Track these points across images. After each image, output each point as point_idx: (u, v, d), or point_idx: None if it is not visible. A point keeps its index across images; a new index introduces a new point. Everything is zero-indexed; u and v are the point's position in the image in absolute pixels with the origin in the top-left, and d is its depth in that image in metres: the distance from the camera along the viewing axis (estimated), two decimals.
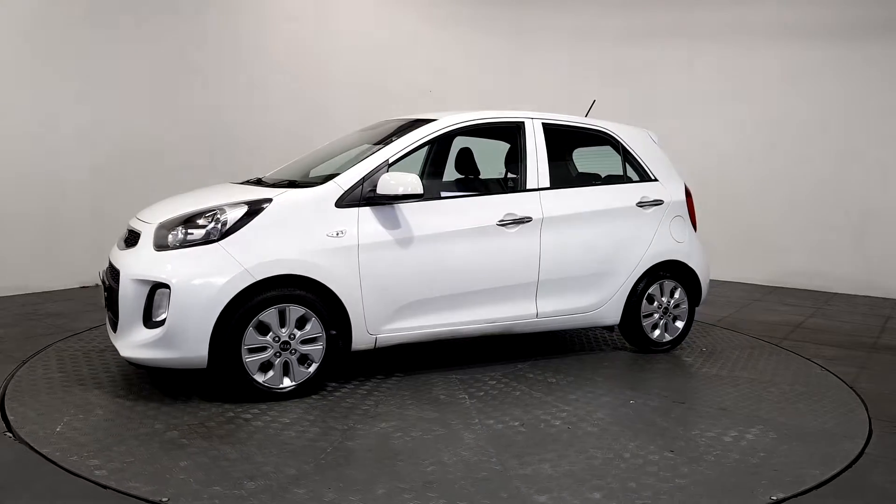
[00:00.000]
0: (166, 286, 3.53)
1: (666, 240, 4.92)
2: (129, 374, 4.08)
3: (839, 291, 8.01)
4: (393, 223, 3.98)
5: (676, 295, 5.02)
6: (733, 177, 8.57)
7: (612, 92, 8.97)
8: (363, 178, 3.97)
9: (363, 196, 3.94)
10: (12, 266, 6.13)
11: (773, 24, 8.30)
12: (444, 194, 4.61)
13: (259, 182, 4.53)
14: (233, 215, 3.69)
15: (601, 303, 4.70)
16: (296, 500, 2.65)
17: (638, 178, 4.98)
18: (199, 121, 7.26)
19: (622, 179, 4.97)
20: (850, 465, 3.16)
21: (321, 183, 3.98)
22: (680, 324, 5.06)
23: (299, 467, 2.93)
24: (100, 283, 4.20)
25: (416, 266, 4.03)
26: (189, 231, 3.70)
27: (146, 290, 3.58)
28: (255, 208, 3.73)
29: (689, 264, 5.03)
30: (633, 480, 2.91)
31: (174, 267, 3.56)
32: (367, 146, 5.06)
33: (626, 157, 4.98)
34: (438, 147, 5.29)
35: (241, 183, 4.86)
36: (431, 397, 3.88)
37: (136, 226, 4.02)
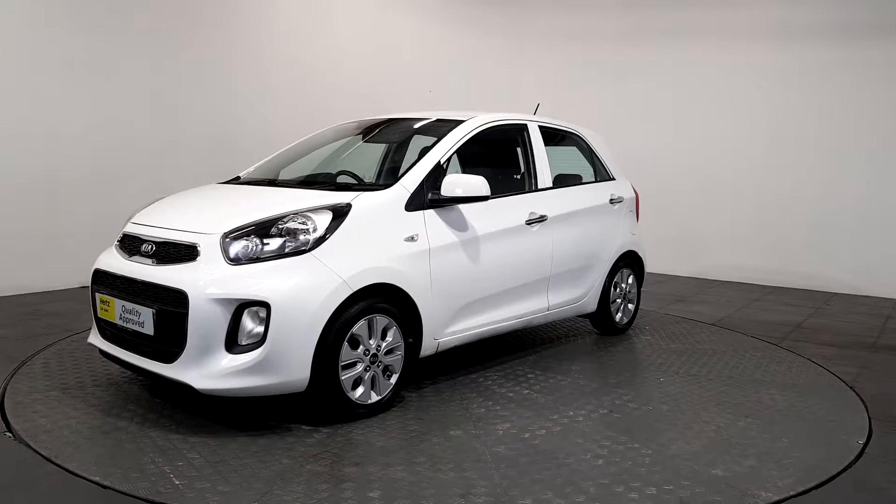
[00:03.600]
0: (260, 304, 3.15)
1: (626, 233, 5.47)
2: (137, 387, 3.53)
3: (839, 291, 8.05)
4: (455, 225, 3.96)
5: (630, 280, 5.61)
6: (733, 175, 8.65)
7: (610, 91, 9.23)
8: (423, 179, 3.87)
9: (426, 198, 3.84)
10: (12, 266, 6.05)
11: (774, 24, 8.39)
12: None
13: (273, 182, 4.16)
14: (321, 222, 3.39)
15: (587, 292, 5.10)
16: None
17: (598, 178, 5.44)
18: (199, 120, 7.22)
19: (575, 179, 5.37)
20: (850, 465, 3.18)
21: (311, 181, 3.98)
22: (632, 306, 5.67)
23: (487, 478, 2.88)
24: (105, 304, 3.54)
25: (473, 267, 4.05)
26: (265, 241, 3.32)
27: (231, 310, 3.15)
28: (337, 214, 3.47)
29: (639, 253, 5.65)
30: (755, 446, 3.34)
31: (269, 282, 3.18)
32: (348, 142, 4.94)
33: (593, 157, 5.42)
34: (398, 147, 5.23)
35: (226, 182, 4.47)
36: (500, 396, 3.95)
37: (162, 234, 3.50)
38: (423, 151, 4.77)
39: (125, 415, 3.45)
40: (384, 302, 3.54)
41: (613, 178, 5.51)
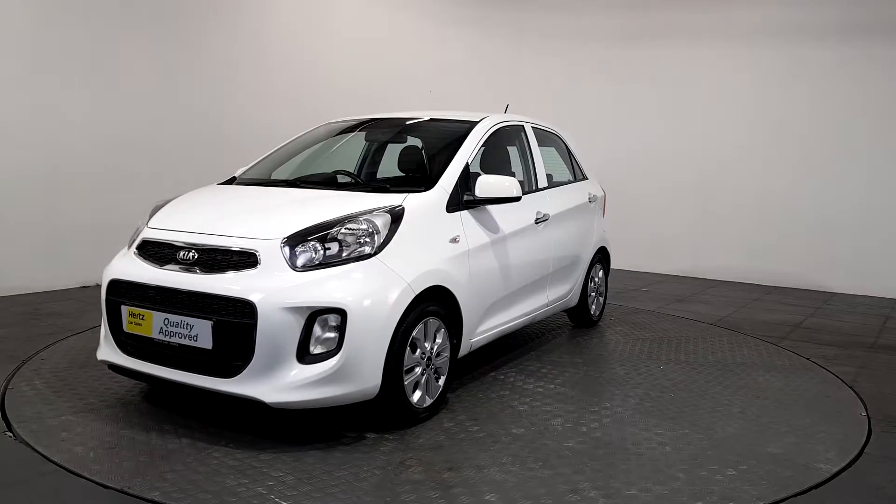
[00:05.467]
0: (335, 311, 3.04)
1: (600, 230, 5.73)
2: (151, 403, 3.32)
3: (839, 291, 8.05)
4: (486, 225, 3.99)
5: (600, 274, 5.88)
6: (734, 175, 8.65)
7: (611, 91, 9.18)
8: (458, 181, 3.87)
9: (462, 199, 3.84)
10: (12, 266, 6.00)
11: (774, 24, 8.39)
12: None
13: (292, 183, 3.98)
14: (382, 225, 3.31)
15: (573, 287, 5.30)
16: (645, 500, 2.75)
17: (575, 177, 5.63)
18: (200, 121, 7.17)
19: (549, 178, 5.53)
20: (849, 465, 3.18)
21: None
22: (601, 299, 5.95)
23: (581, 472, 2.96)
24: (136, 317, 3.25)
25: (499, 267, 4.11)
26: (327, 246, 3.20)
27: (304, 318, 3.02)
28: (394, 217, 3.40)
29: (608, 248, 5.93)
30: (785, 424, 3.66)
31: (343, 288, 3.08)
32: (331, 143, 4.85)
33: (570, 157, 5.62)
34: (378, 146, 5.17)
35: (224, 183, 4.26)
36: (531, 392, 4.04)
37: (204, 241, 3.28)
38: (406, 151, 4.79)
39: (169, 436, 3.19)
40: (434, 304, 3.51)
41: (587, 178, 5.74)
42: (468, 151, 4.07)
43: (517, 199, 3.95)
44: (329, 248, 3.20)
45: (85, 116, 6.36)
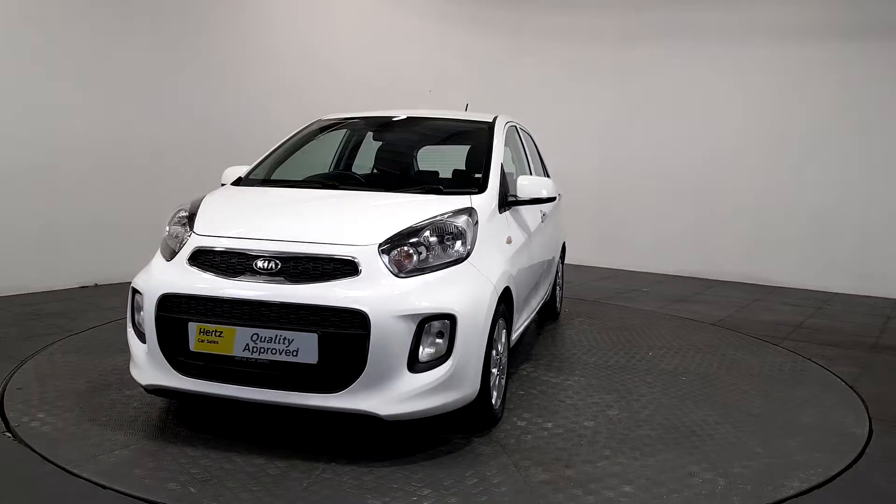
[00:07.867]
0: (445, 317, 2.98)
1: (562, 227, 5.98)
2: (184, 423, 3.12)
3: (839, 291, 8.10)
4: (522, 225, 4.07)
5: (561, 268, 6.15)
6: (734, 176, 8.73)
7: (610, 91, 9.03)
8: (501, 181, 3.90)
9: (507, 200, 3.88)
10: (12, 266, 5.98)
11: (774, 24, 8.48)
12: None
13: (330, 185, 3.79)
14: (468, 228, 3.27)
15: (550, 283, 5.51)
16: (751, 476, 3.00)
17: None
18: (199, 120, 7.18)
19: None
20: (850, 465, 3.18)
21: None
22: (561, 292, 6.22)
23: (679, 457, 3.16)
24: (212, 334, 2.96)
25: (528, 266, 4.22)
26: (419, 250, 3.12)
27: (415, 326, 2.93)
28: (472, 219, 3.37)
29: (565, 244, 6.21)
30: (797, 397, 4.12)
31: (449, 293, 3.02)
32: (339, 142, 4.70)
33: (538, 155, 5.80)
34: (354, 144, 5.07)
35: (231, 184, 4.00)
36: (563, 385, 4.18)
37: (286, 248, 3.07)
38: (382, 148, 4.75)
39: (257, 459, 2.94)
40: (502, 304, 3.53)
41: (549, 176, 5.97)
42: (500, 151, 4.11)
43: (553, 199, 4.06)
44: (420, 253, 3.12)
45: (84, 116, 6.33)
